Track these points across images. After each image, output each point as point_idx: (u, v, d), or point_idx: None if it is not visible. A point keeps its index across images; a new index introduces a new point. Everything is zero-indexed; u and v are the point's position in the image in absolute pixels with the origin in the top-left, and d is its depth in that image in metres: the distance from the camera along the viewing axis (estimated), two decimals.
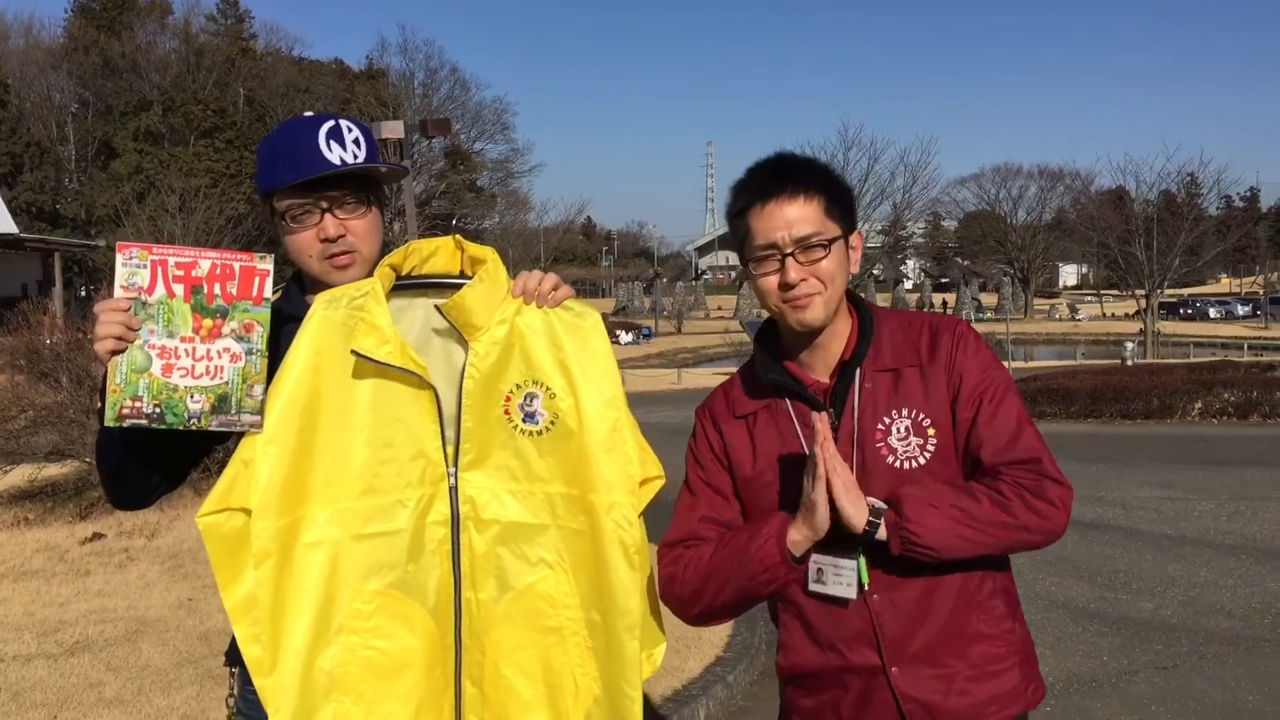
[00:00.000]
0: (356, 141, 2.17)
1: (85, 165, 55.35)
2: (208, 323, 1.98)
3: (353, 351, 1.99)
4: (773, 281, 2.07)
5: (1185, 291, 72.97)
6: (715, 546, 2.11)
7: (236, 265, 1.99)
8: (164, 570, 7.67)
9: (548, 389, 2.07)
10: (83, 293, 42.21)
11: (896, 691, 2.06)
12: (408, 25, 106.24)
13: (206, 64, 56.34)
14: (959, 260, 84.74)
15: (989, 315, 64.79)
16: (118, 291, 1.96)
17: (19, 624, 6.54)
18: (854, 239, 2.15)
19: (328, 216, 2.16)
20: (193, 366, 1.97)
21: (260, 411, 1.98)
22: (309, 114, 2.25)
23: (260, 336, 2.00)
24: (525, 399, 2.08)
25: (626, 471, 2.06)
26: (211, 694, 5.18)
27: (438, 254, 2.11)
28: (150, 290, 1.96)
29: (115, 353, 1.94)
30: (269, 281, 2.01)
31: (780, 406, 2.15)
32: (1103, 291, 74.66)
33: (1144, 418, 16.41)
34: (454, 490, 2.09)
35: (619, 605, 2.05)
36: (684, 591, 2.14)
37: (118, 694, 5.34)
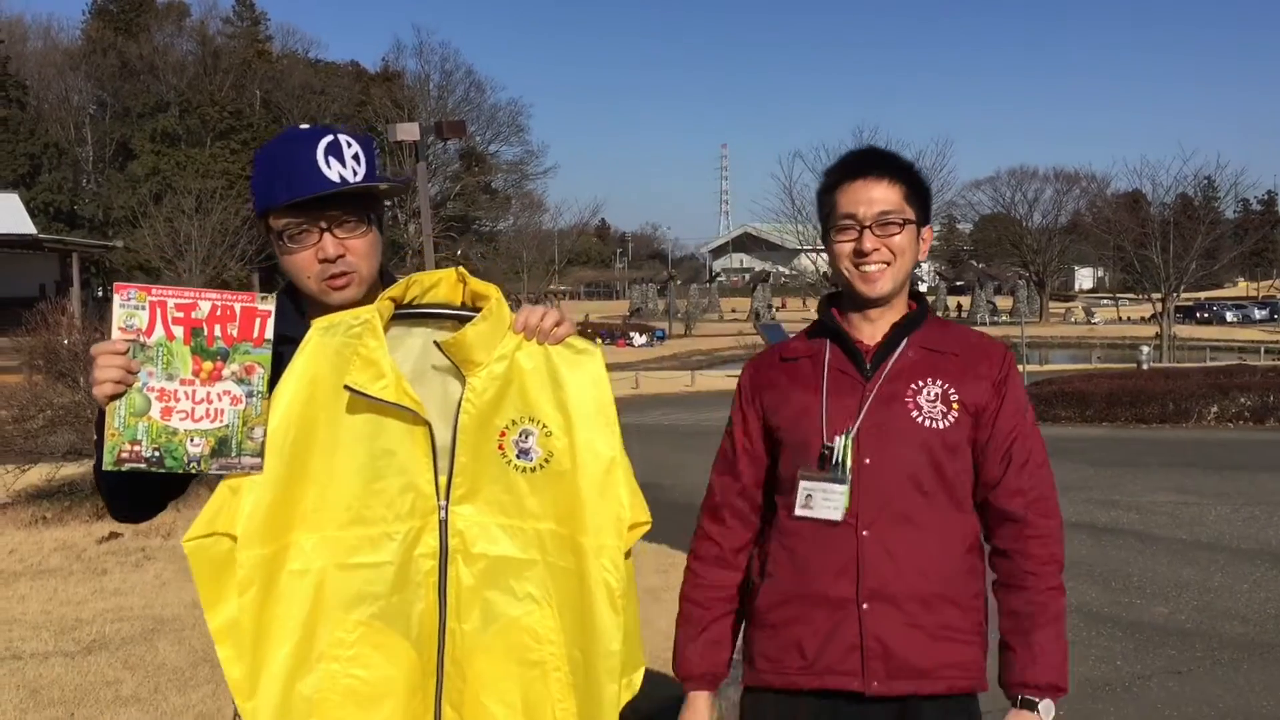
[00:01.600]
0: (356, 157, 2.12)
1: (103, 166, 55.67)
2: (208, 365, 1.95)
3: (346, 387, 1.97)
4: (848, 248, 2.30)
5: (1202, 295, 72.58)
6: (683, 609, 2.48)
7: (237, 306, 1.97)
8: (180, 569, 7.70)
9: (544, 426, 2.06)
10: (100, 293, 42.41)
11: (863, 626, 2.21)
12: (423, 27, 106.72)
13: (223, 66, 56.57)
14: (974, 263, 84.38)
15: (1004, 318, 64.53)
16: (115, 333, 1.93)
17: (37, 622, 6.59)
18: (925, 231, 2.39)
19: (326, 236, 2.10)
20: (192, 409, 1.95)
21: (260, 454, 1.97)
22: (305, 126, 2.19)
23: (261, 379, 1.98)
24: (520, 435, 2.06)
25: (617, 515, 2.06)
26: (226, 693, 5.18)
27: (439, 285, 2.09)
28: (149, 332, 1.93)
29: (114, 396, 1.91)
30: (270, 323, 1.98)
31: (821, 355, 2.35)
32: (1118, 295, 74.36)
33: (1159, 422, 16.34)
34: (444, 524, 2.07)
35: (601, 648, 2.06)
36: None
37: (134, 692, 5.38)
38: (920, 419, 2.24)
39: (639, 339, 52.16)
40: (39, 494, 10.50)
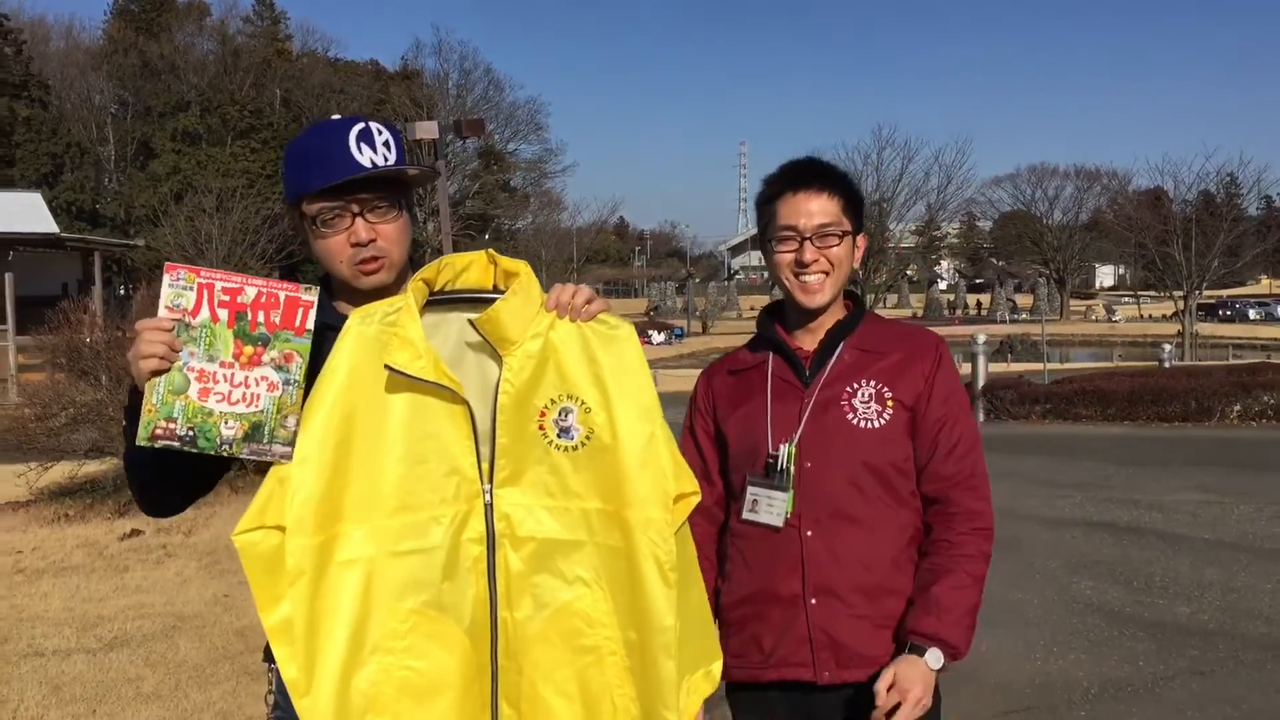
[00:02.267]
0: (387, 144, 2.14)
1: (124, 165, 55.96)
2: (248, 350, 1.97)
3: (386, 366, 1.96)
4: (789, 258, 2.42)
5: (1224, 293, 72.04)
6: None
7: (281, 295, 1.99)
8: (201, 567, 7.75)
9: (582, 403, 2.05)
10: (122, 291, 42.67)
11: (810, 621, 2.35)
12: (442, 26, 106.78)
13: (243, 65, 56.80)
14: (994, 261, 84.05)
15: (1024, 316, 64.25)
16: (162, 311, 1.95)
17: (59, 619, 6.63)
18: (860, 239, 2.51)
19: (359, 220, 2.13)
20: (229, 392, 1.96)
21: (292, 443, 1.98)
22: (337, 117, 2.21)
23: (299, 368, 1.99)
24: (560, 414, 2.05)
25: (662, 487, 2.04)
26: (247, 690, 5.23)
27: (471, 268, 2.10)
28: (195, 313, 1.95)
29: (156, 373, 1.93)
30: (312, 314, 2.00)
31: (765, 366, 2.48)
32: (1140, 293, 73.80)
33: (1181, 420, 16.22)
34: (489, 507, 2.05)
35: (654, 624, 2.02)
36: None
37: (155, 689, 5.41)
38: (855, 420, 2.37)
39: (658, 337, 52.14)
40: (62, 491, 10.58)
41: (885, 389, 2.38)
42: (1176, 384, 17.07)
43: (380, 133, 2.14)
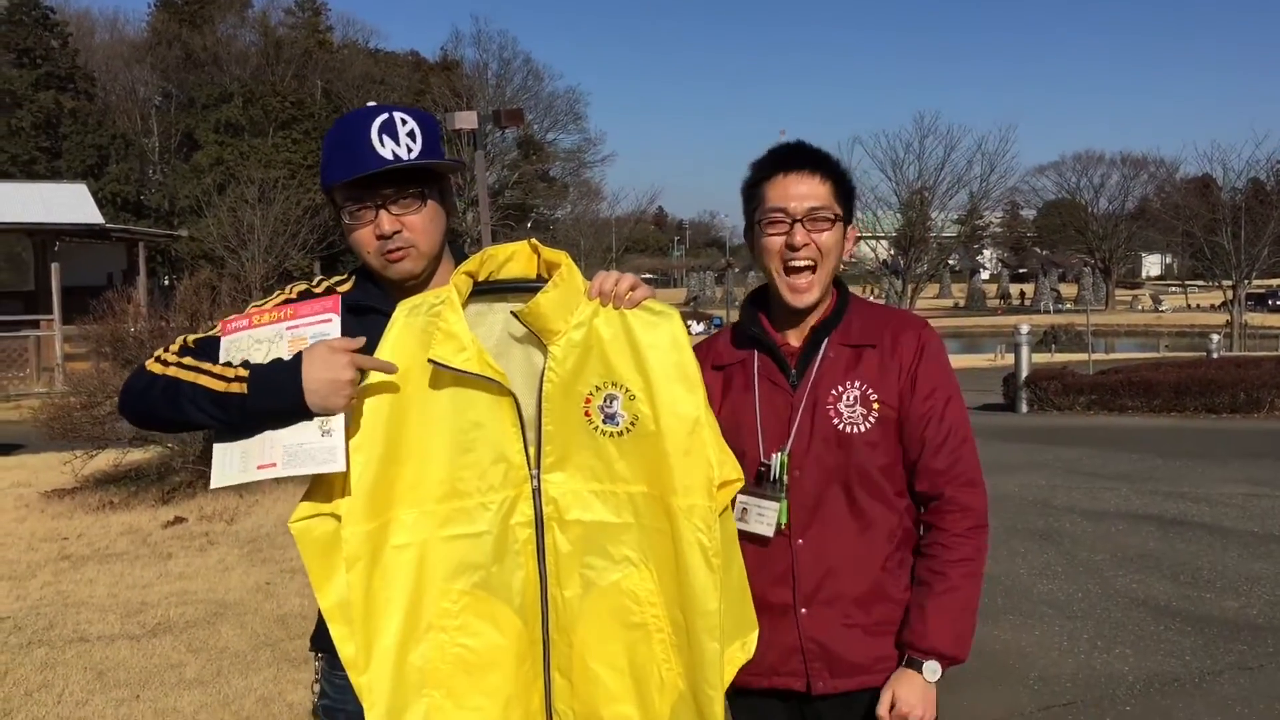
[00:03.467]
0: (411, 134, 2.14)
1: (168, 157, 56.54)
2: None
3: (430, 360, 2.01)
4: (778, 242, 2.32)
5: (1274, 282, 70.85)
6: None
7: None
8: (243, 554, 7.82)
9: (627, 390, 2.08)
10: (165, 282, 43.18)
11: (801, 630, 2.31)
12: (482, 16, 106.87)
13: (285, 56, 57.21)
14: (1038, 250, 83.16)
15: (1068, 306, 63.57)
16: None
17: (104, 605, 6.71)
18: (850, 230, 2.41)
19: (382, 213, 2.15)
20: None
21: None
22: (371, 104, 2.23)
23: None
24: (605, 400, 2.09)
25: (705, 474, 2.08)
26: (288, 676, 5.27)
27: (514, 259, 2.13)
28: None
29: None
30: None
31: (751, 362, 2.40)
32: (1188, 282, 72.86)
33: (1230, 412, 15.96)
34: (537, 492, 2.11)
35: (699, 607, 2.08)
36: None
37: (197, 675, 5.46)
38: (841, 425, 2.30)
39: (697, 327, 52.01)
40: (106, 479, 10.70)
41: (870, 390, 2.31)
42: (1225, 375, 16.79)
43: (405, 122, 2.14)
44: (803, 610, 2.31)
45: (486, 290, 2.13)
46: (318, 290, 2.25)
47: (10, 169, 45.95)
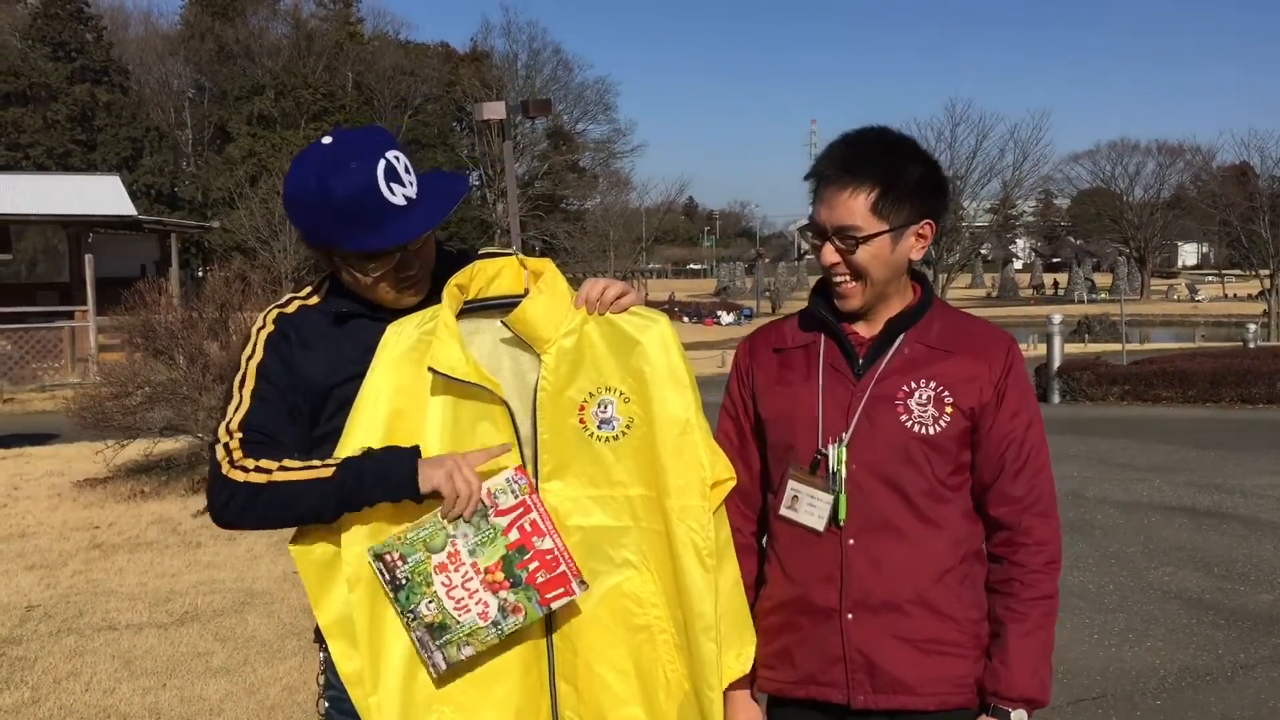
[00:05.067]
0: (406, 169, 2.07)
1: (202, 149, 56.98)
2: (499, 576, 2.02)
3: (430, 369, 2.00)
4: (819, 256, 2.18)
5: None
6: None
7: (564, 568, 2.03)
8: (271, 544, 7.84)
9: (621, 394, 2.09)
10: (200, 273, 43.51)
11: (846, 638, 2.14)
12: (511, 7, 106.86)
13: (316, 48, 57.42)
14: (1071, 239, 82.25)
15: (1103, 296, 62.93)
16: (483, 491, 2.00)
17: (133, 593, 6.76)
18: (921, 227, 2.18)
19: (404, 258, 2.09)
20: (455, 585, 2.02)
21: (449, 665, 2.03)
22: (328, 140, 2.08)
23: (513, 624, 2.03)
24: (599, 406, 2.09)
25: (698, 475, 2.08)
26: (313, 666, 5.25)
27: (502, 274, 2.13)
28: (499, 513, 2.01)
29: (452, 514, 1.99)
30: (560, 604, 2.04)
31: (816, 348, 2.23)
32: (1224, 271, 71.91)
33: (1267, 403, 15.74)
34: None
35: (694, 608, 2.08)
36: None
37: (224, 663, 5.49)
38: (910, 423, 2.13)
39: (726, 317, 52.00)
40: (138, 468, 10.79)
41: (946, 392, 2.14)
42: (1262, 365, 16.56)
43: (398, 159, 2.05)
44: (849, 616, 2.14)
45: (475, 309, 2.13)
46: (289, 310, 2.21)
47: (46, 162, 46.45)
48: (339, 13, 62.50)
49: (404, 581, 2.00)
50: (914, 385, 2.15)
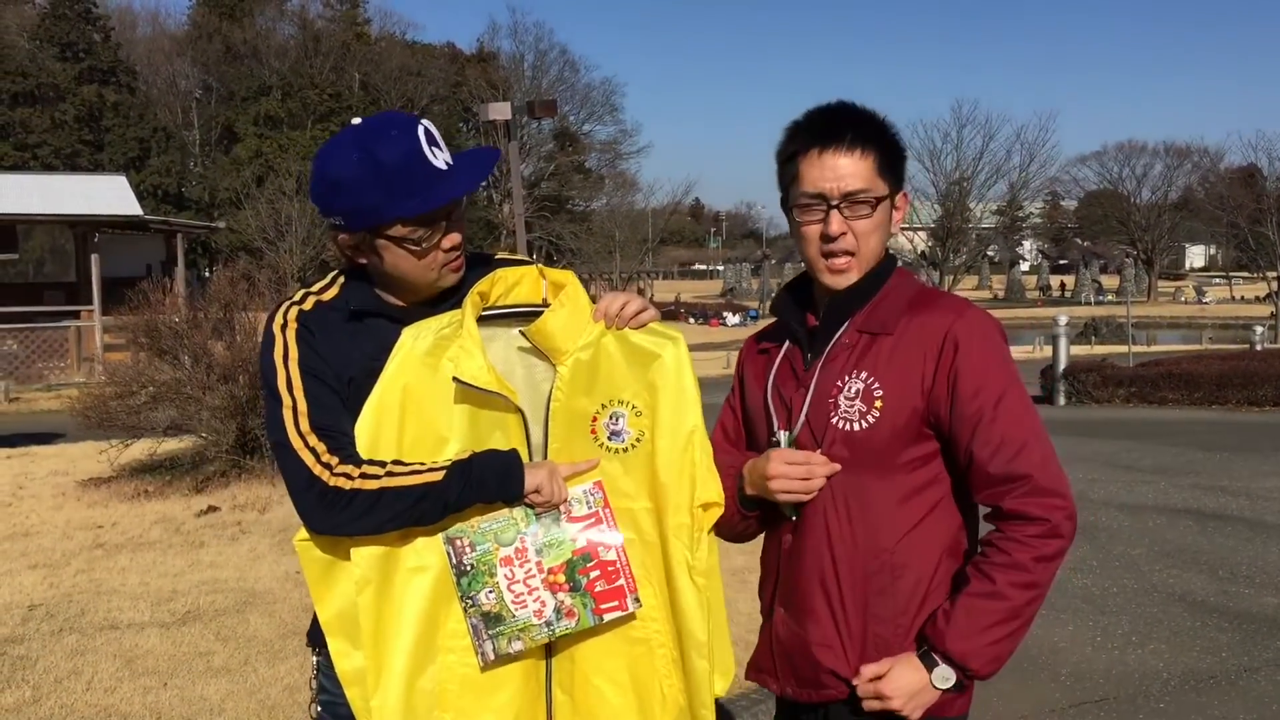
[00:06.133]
0: (438, 139, 2.10)
1: (209, 149, 57.16)
2: (560, 578, 2.06)
3: (455, 379, 2.02)
4: (814, 230, 2.09)
5: None
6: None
7: (622, 581, 2.07)
8: (274, 544, 7.84)
9: (633, 407, 2.10)
10: (206, 273, 43.60)
11: (774, 633, 2.19)
12: (518, 7, 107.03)
13: (323, 49, 57.56)
14: (1078, 241, 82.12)
15: (1110, 298, 62.83)
16: (561, 497, 2.07)
17: (135, 593, 6.76)
18: (899, 199, 2.15)
19: (451, 228, 2.10)
20: (516, 579, 2.05)
21: (497, 658, 2.05)
22: (357, 122, 2.11)
23: (566, 627, 2.06)
24: (611, 418, 2.11)
25: (690, 494, 2.10)
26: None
27: (522, 283, 2.14)
28: (571, 520, 2.07)
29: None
30: (616, 615, 2.07)
31: (782, 348, 2.23)
32: (1232, 273, 71.74)
33: (1273, 405, 15.69)
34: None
35: (685, 626, 2.10)
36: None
37: (225, 663, 5.48)
38: (837, 421, 2.06)
39: (732, 318, 52.04)
40: (142, 468, 10.78)
41: (875, 385, 2.04)
42: (1268, 367, 16.52)
43: (432, 128, 2.09)
44: (779, 610, 2.19)
45: (492, 316, 2.14)
46: (306, 306, 2.18)
47: (53, 162, 46.60)
48: (346, 13, 62.66)
49: (469, 568, 2.03)
50: (847, 378, 2.07)
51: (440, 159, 2.05)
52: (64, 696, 5.07)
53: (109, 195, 26.85)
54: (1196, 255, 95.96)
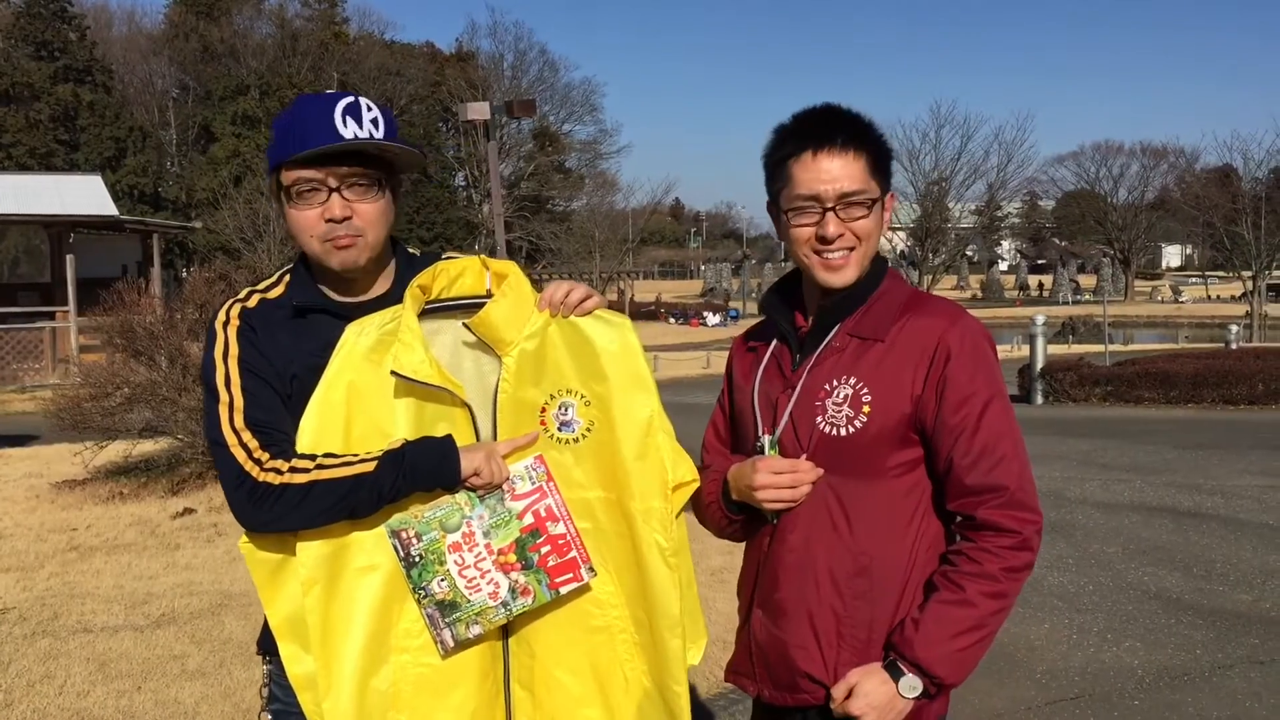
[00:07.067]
0: (375, 121, 2.08)
1: (186, 149, 56.84)
2: (512, 558, 2.03)
3: (392, 372, 1.99)
4: (808, 232, 2.08)
5: None
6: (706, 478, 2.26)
7: (574, 553, 2.05)
8: None
9: (582, 396, 2.08)
10: (183, 274, 43.33)
11: (752, 633, 2.19)
12: (497, 7, 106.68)
13: (301, 48, 57.34)
14: (1056, 241, 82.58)
15: (1087, 297, 63.18)
16: (510, 472, 2.04)
17: (109, 596, 6.70)
18: (888, 200, 2.14)
19: (335, 195, 2.07)
20: (468, 564, 2.03)
21: (458, 644, 2.04)
22: (331, 91, 2.18)
23: (523, 606, 2.04)
24: (560, 409, 2.09)
25: (661, 477, 2.08)
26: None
27: (465, 274, 2.11)
28: (515, 498, 2.04)
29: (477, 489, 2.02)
30: (572, 588, 2.06)
31: (770, 347, 2.23)
32: (1207, 273, 72.25)
33: (1248, 403, 15.83)
34: None
35: (659, 607, 2.08)
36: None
37: (200, 666, 5.44)
38: (823, 425, 2.06)
39: (712, 318, 52.06)
40: (117, 470, 10.71)
41: (864, 390, 2.04)
42: (1243, 366, 16.65)
43: (370, 109, 2.08)
44: (758, 611, 2.18)
45: (437, 309, 2.11)
46: (250, 304, 2.17)
47: (28, 161, 46.22)
48: (324, 13, 62.40)
49: (418, 559, 2.01)
50: (836, 383, 2.07)
51: (350, 129, 2.04)
52: (36, 700, 5.03)
53: (84, 195, 26.64)
54: (1173, 255, 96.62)
